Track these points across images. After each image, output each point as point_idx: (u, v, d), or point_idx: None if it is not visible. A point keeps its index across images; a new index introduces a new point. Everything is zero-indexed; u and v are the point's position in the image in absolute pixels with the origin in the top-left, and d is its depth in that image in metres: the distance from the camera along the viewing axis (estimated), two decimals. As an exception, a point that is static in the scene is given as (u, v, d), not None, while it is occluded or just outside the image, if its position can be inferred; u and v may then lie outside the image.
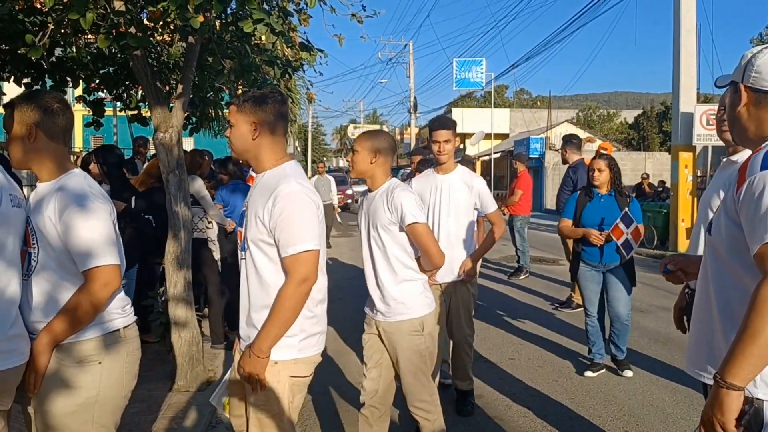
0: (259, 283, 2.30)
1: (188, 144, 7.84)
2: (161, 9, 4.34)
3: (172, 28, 5.45)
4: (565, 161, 7.64)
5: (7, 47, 5.12)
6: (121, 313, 2.21)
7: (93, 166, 5.82)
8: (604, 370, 5.00)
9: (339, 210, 14.87)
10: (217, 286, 5.48)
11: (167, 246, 4.47)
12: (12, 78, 5.53)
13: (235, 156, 2.50)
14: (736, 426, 1.54)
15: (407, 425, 3.59)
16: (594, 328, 4.99)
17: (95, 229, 2.07)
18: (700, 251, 2.40)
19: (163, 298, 4.59)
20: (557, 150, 31.00)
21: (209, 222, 5.58)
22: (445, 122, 3.95)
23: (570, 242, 7.06)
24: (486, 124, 29.41)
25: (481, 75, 31.08)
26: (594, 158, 4.98)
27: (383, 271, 2.97)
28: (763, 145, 1.66)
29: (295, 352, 2.29)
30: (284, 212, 2.21)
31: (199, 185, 5.47)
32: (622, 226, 4.70)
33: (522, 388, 4.75)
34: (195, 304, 4.67)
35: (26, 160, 2.18)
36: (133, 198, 5.50)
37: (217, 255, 5.66)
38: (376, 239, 2.98)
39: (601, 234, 4.75)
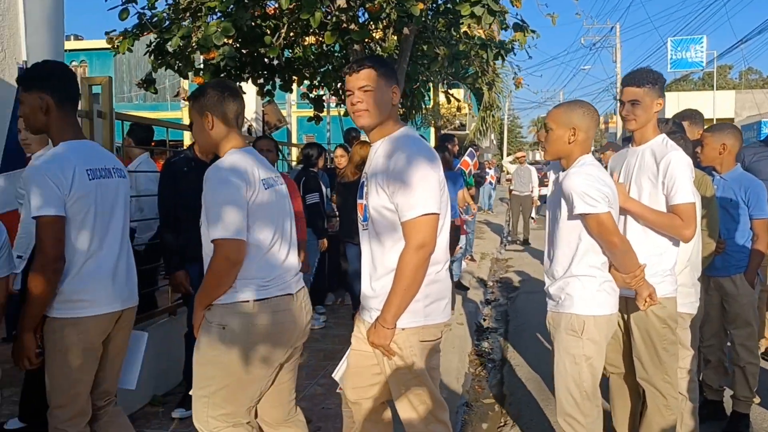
0: (381, 251, 2.25)
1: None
2: (379, 4, 4.58)
3: (385, 23, 5.73)
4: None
5: (245, 50, 5.79)
6: (260, 285, 2.22)
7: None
8: None
9: (539, 203, 14.35)
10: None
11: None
12: (250, 78, 6.25)
13: (365, 120, 2.27)
14: None
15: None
16: None
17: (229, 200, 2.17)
18: None
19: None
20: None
21: None
22: (637, 77, 2.78)
23: None
24: (707, 107, 26.53)
25: (701, 54, 28.07)
26: None
27: (557, 260, 2.61)
28: None
29: (421, 319, 2.24)
30: (403, 175, 2.14)
31: None
32: None
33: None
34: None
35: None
36: None
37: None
38: (555, 229, 2.63)
39: None
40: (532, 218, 13.98)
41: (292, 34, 5.37)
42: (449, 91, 8.40)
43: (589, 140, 2.58)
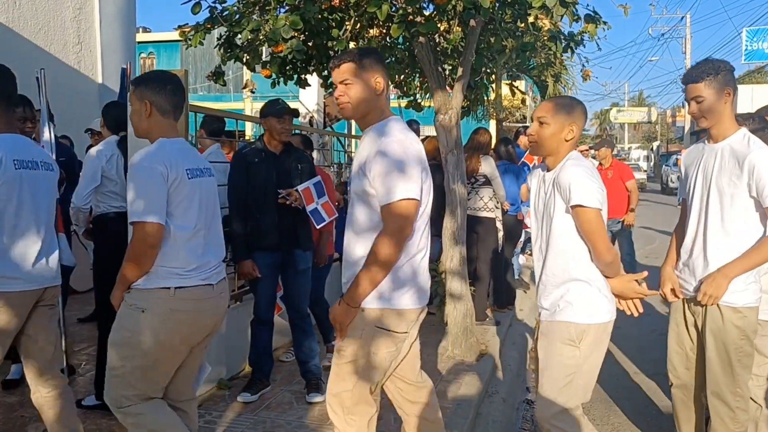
0: (356, 235, 2.26)
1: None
2: (447, -5, 4.53)
3: (450, 16, 5.67)
4: None
5: (311, 43, 5.84)
6: (180, 274, 2.28)
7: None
8: None
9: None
10: (489, 264, 5.58)
11: (444, 222, 4.70)
12: (315, 71, 6.31)
13: (349, 112, 2.31)
14: None
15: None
16: None
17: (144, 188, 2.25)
18: None
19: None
20: None
21: (497, 202, 5.63)
22: (694, 72, 2.62)
23: None
24: (783, 101, 25.12)
25: (780, 44, 26.63)
26: None
27: (551, 265, 2.44)
28: None
29: (383, 301, 2.20)
30: (385, 161, 2.14)
31: (492, 165, 5.59)
32: None
33: None
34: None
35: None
36: None
37: (500, 233, 5.73)
38: (548, 233, 2.45)
39: None
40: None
41: (357, 26, 5.38)
42: (513, 83, 8.26)
43: (578, 138, 2.46)
